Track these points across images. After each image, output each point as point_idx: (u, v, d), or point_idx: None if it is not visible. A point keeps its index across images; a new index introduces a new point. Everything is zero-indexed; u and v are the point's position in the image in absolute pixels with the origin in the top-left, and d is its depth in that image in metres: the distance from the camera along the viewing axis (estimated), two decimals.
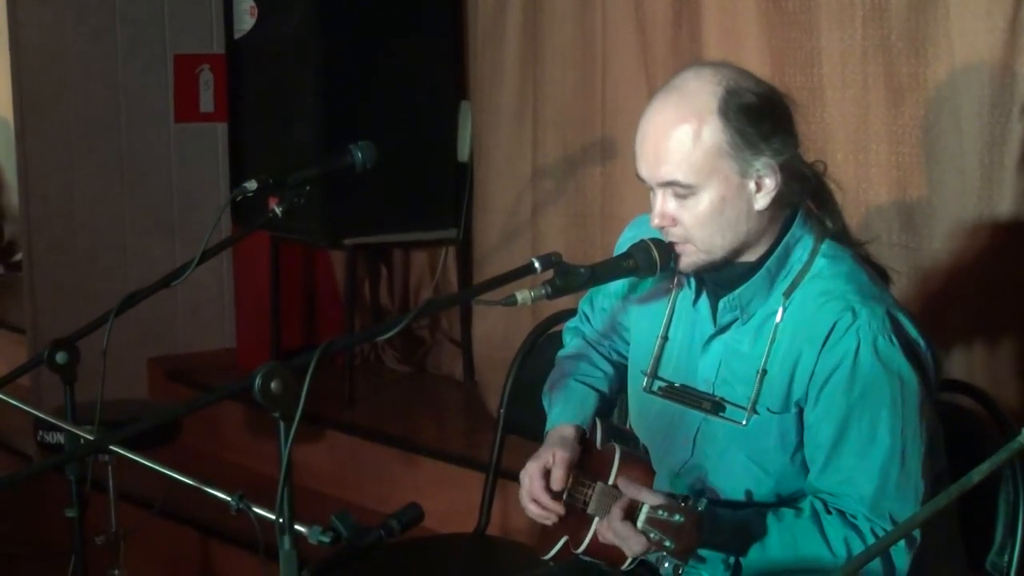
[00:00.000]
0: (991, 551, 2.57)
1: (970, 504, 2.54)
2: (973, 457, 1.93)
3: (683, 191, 2.35)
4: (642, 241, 2.46)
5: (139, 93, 5.87)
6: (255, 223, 3.17)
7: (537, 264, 2.39)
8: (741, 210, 2.36)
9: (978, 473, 1.72)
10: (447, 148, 5.37)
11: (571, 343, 2.92)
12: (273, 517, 2.04)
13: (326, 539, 2.03)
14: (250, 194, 2.95)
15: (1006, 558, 2.55)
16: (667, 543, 2.17)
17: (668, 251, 2.44)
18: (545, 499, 2.59)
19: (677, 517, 2.16)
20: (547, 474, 2.61)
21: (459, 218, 5.37)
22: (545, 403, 2.83)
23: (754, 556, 2.34)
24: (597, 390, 2.79)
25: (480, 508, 3.48)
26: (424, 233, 5.45)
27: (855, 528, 2.32)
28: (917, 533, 2.29)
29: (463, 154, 5.35)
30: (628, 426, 2.73)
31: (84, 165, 5.79)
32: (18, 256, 6.77)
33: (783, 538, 2.33)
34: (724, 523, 2.33)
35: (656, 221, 2.40)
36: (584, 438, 2.69)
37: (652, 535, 2.19)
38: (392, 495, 4.53)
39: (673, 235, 2.41)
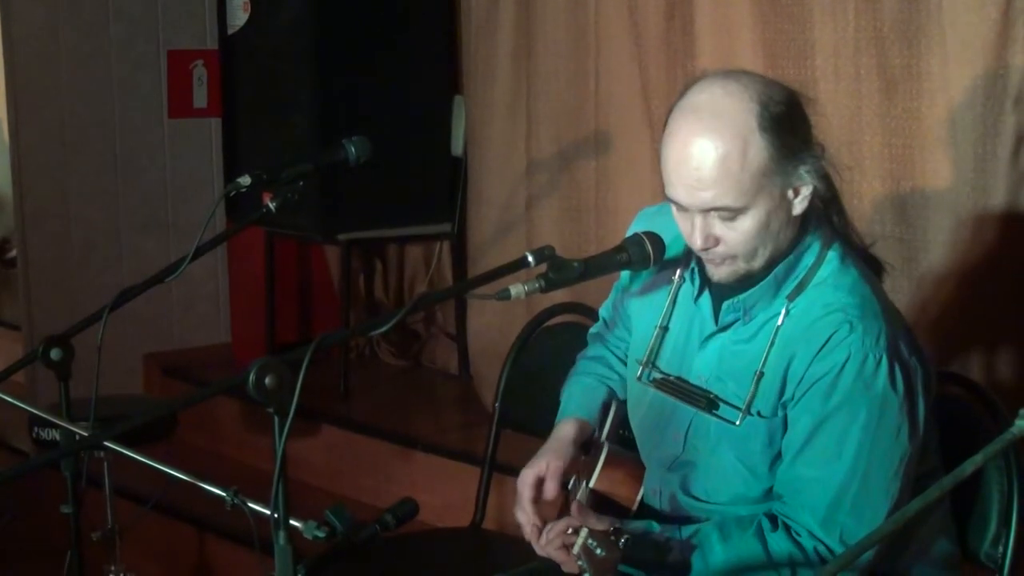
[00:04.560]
0: (985, 542, 2.58)
1: (966, 495, 2.55)
2: (966, 448, 1.94)
3: (729, 214, 2.31)
4: (635, 235, 2.46)
5: (133, 89, 5.86)
6: (249, 218, 3.17)
7: (531, 258, 2.39)
8: (783, 220, 2.34)
9: (971, 464, 1.71)
10: (441, 142, 5.36)
11: (592, 347, 2.92)
12: (268, 512, 2.04)
13: (321, 534, 2.03)
14: (244, 189, 2.96)
15: (1000, 549, 2.56)
16: (585, 573, 2.20)
17: (661, 245, 2.44)
18: (529, 511, 2.58)
19: (599, 551, 2.19)
20: (541, 483, 2.61)
21: (453, 212, 5.37)
22: (561, 398, 2.84)
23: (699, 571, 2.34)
24: (609, 388, 2.79)
25: (475, 502, 3.48)
26: (418, 227, 5.45)
27: (799, 546, 2.31)
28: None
29: (457, 148, 5.35)
30: None
31: (78, 161, 5.78)
32: (13, 253, 6.76)
33: (728, 556, 2.33)
34: (655, 555, 2.33)
35: (700, 244, 2.35)
36: (589, 432, 2.70)
37: (580, 561, 2.22)
38: (387, 489, 4.54)
39: (717, 254, 2.37)
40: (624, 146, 4.38)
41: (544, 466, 2.62)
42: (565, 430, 2.69)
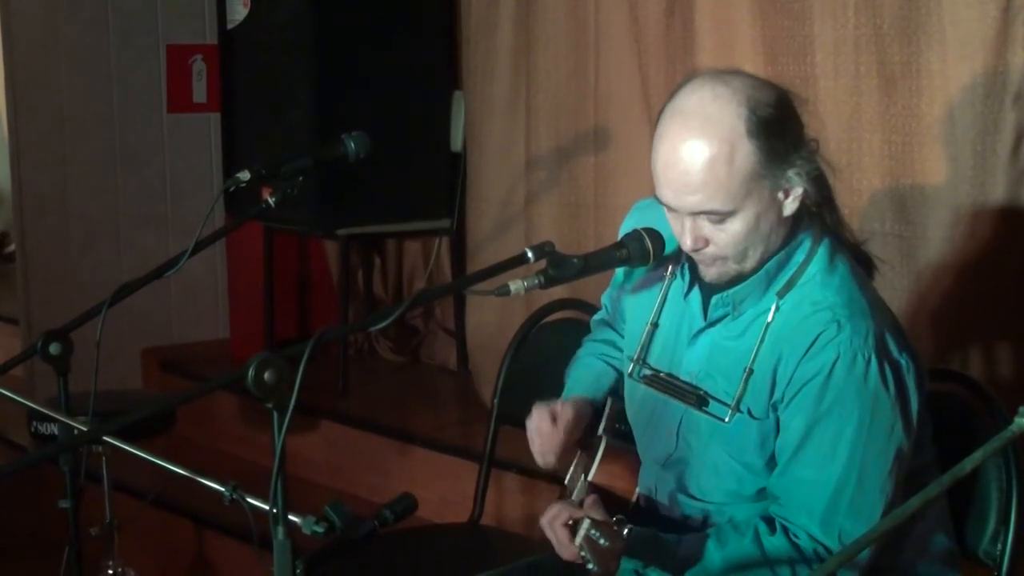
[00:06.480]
0: (984, 540, 2.58)
1: (964, 493, 2.55)
2: (964, 445, 1.93)
3: (718, 217, 2.31)
4: (635, 231, 2.46)
5: (132, 84, 5.86)
6: (248, 213, 3.17)
7: (530, 254, 2.39)
8: (774, 221, 2.34)
9: (970, 462, 1.71)
10: (440, 138, 5.36)
11: (597, 331, 2.93)
12: (267, 507, 2.04)
13: (320, 529, 2.03)
14: (243, 184, 2.96)
15: (999, 547, 2.56)
16: (590, 565, 2.21)
17: (661, 241, 2.44)
18: (547, 429, 2.60)
19: (603, 541, 2.19)
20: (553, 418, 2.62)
21: (452, 208, 5.37)
22: (566, 378, 2.84)
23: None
24: (616, 369, 2.78)
25: (474, 498, 3.48)
26: (417, 223, 5.45)
27: (797, 548, 2.31)
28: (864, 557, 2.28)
29: (456, 144, 5.35)
30: None
31: (77, 156, 5.78)
32: (11, 247, 6.77)
33: (727, 561, 2.32)
34: (657, 552, 2.34)
35: (690, 245, 2.35)
36: (596, 414, 2.70)
37: (582, 552, 2.22)
38: (386, 485, 4.54)
39: (707, 255, 2.37)
40: (623, 142, 4.38)
41: (558, 405, 2.64)
42: (576, 398, 2.70)
